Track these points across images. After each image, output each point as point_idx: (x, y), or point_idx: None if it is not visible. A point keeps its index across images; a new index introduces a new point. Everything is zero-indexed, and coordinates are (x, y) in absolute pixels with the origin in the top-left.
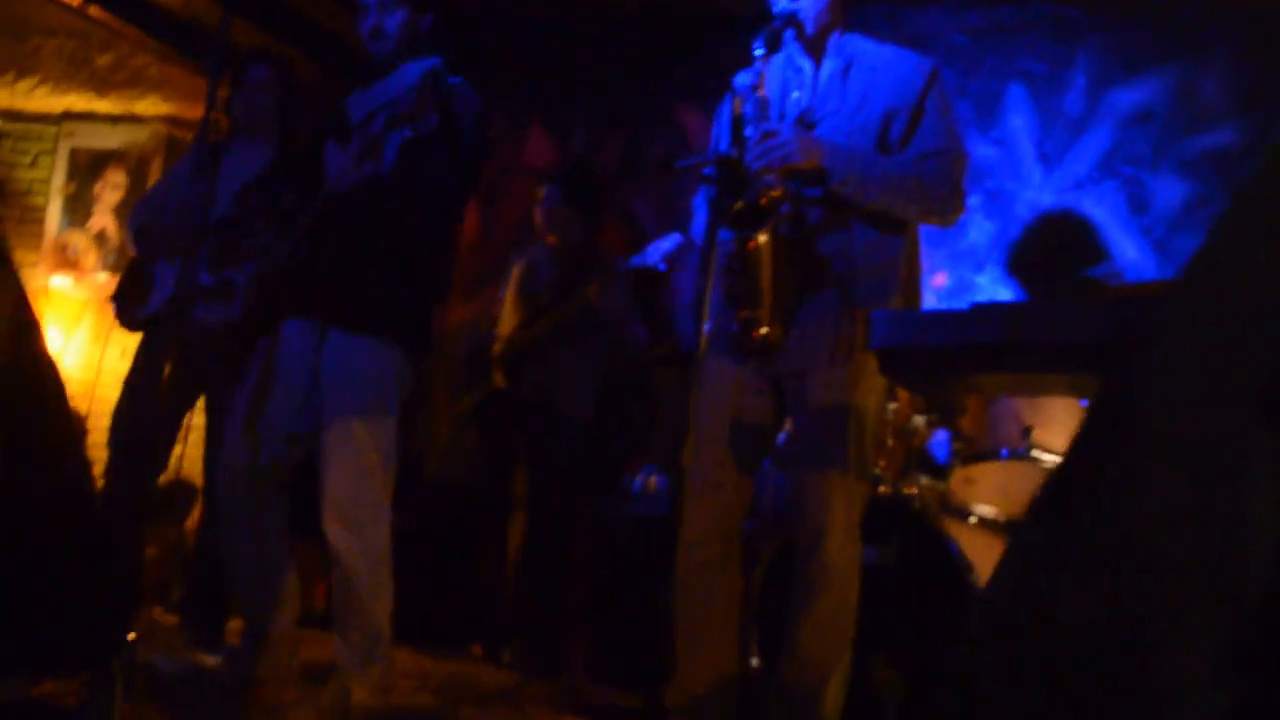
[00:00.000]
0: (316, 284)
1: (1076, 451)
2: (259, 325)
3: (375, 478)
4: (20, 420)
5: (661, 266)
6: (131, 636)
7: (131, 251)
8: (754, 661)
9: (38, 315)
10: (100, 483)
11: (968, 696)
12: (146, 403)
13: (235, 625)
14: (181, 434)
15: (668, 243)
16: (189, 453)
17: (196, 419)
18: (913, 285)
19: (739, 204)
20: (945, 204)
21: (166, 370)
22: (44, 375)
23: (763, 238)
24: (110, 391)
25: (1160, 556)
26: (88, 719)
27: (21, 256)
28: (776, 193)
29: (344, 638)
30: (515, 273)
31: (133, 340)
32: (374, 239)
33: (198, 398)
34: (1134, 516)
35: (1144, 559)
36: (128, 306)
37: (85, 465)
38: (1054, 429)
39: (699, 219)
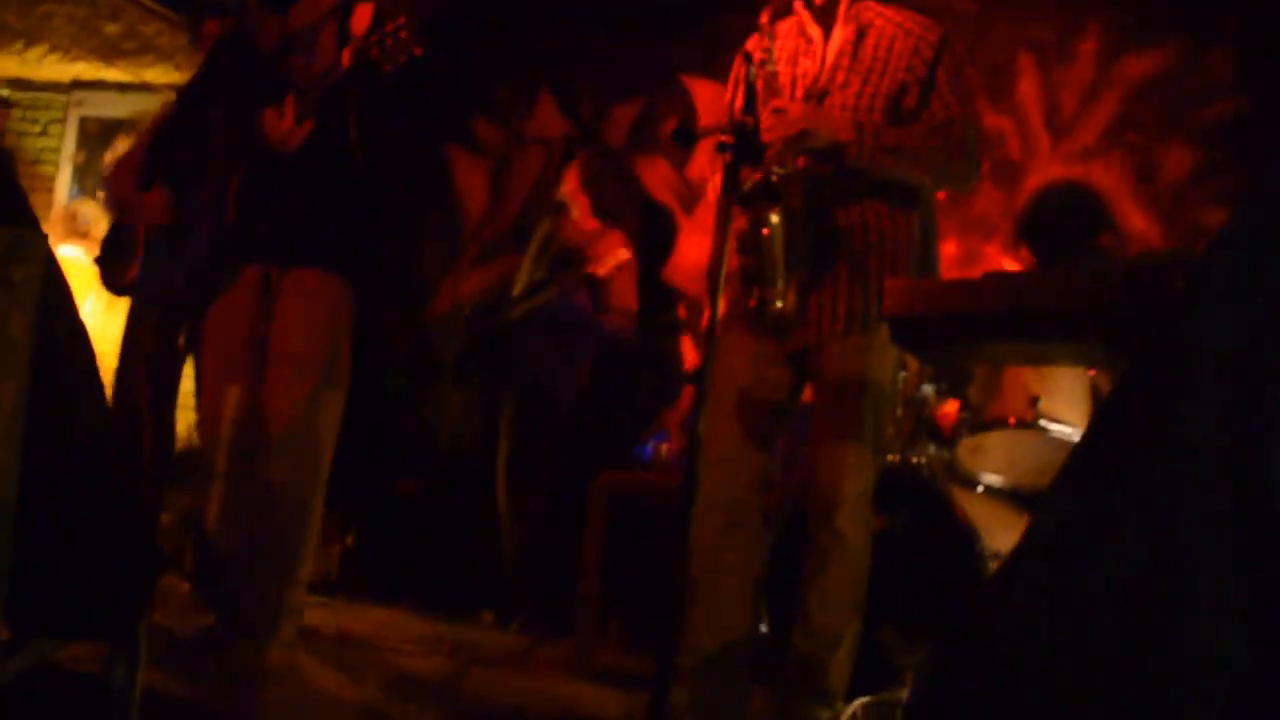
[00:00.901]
0: (261, 232)
1: (1109, 411)
2: (209, 285)
3: (327, 410)
4: (51, 385)
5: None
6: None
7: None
8: (762, 628)
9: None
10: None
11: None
12: (139, 369)
13: None
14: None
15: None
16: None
17: (187, 384)
18: (931, 255)
19: (748, 183)
20: (960, 172)
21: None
22: (76, 343)
23: (774, 218)
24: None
25: (1194, 508)
26: (110, 685)
27: None
28: (787, 169)
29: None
30: (540, 231)
31: None
32: (305, 183)
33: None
34: (1168, 469)
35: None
36: (111, 271)
37: (114, 432)
38: (1061, 399)
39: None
